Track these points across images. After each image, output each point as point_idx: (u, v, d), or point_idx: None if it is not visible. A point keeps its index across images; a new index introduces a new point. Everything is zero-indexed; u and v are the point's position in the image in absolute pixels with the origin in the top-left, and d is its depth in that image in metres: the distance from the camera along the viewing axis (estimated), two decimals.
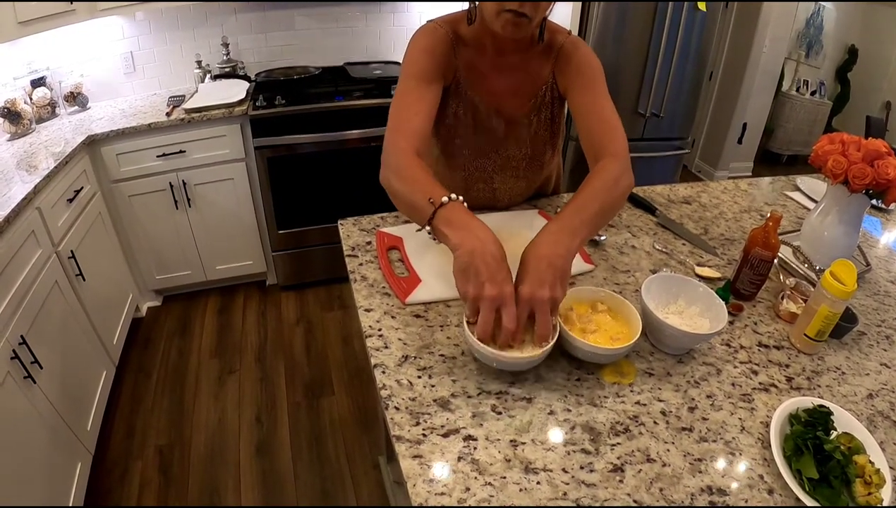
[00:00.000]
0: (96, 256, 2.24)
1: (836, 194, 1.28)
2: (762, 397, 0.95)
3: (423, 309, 1.08)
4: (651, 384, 0.95)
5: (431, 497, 0.73)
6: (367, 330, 1.01)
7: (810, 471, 0.79)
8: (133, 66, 2.78)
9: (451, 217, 0.93)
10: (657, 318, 0.97)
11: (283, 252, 2.86)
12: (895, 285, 1.33)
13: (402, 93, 1.16)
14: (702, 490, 0.77)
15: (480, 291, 0.84)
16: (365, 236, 1.31)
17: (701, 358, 1.02)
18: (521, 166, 1.38)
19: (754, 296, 1.20)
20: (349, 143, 2.65)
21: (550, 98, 1.29)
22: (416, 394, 0.89)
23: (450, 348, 0.99)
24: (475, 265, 0.85)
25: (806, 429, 0.84)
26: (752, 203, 1.65)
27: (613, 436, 0.84)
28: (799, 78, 4.79)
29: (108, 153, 2.33)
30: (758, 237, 1.14)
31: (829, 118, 4.90)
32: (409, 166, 1.04)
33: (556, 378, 0.94)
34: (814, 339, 1.05)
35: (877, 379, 1.02)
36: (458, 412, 0.86)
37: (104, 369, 2.17)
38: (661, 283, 1.07)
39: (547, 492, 0.75)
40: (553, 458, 0.80)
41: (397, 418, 0.84)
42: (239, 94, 2.55)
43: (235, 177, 2.61)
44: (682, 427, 0.87)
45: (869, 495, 0.77)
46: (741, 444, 0.85)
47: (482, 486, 0.75)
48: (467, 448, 0.80)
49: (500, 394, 0.90)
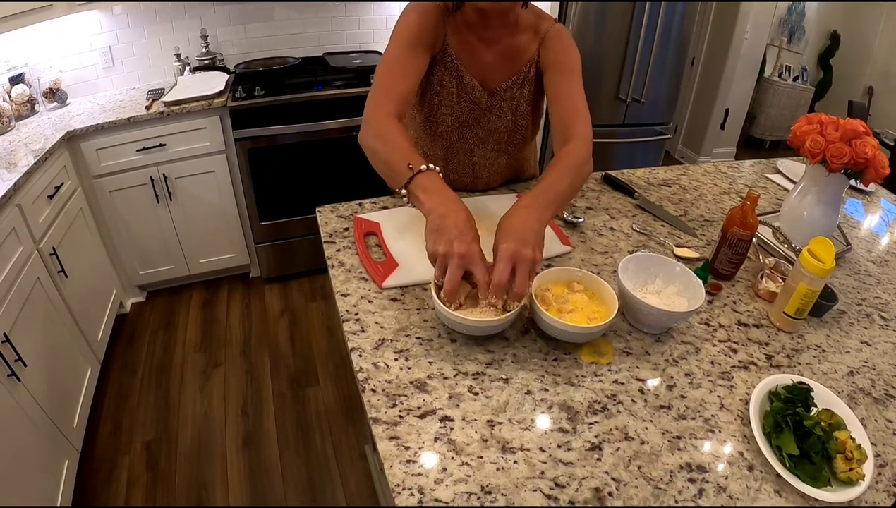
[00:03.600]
0: (78, 253, 2.21)
1: (814, 174, 1.28)
2: (741, 375, 0.95)
3: (399, 292, 1.07)
4: (629, 363, 0.94)
5: (408, 477, 0.72)
6: (344, 315, 1.00)
7: (790, 447, 0.79)
8: (112, 60, 2.73)
9: (426, 184, 0.98)
10: (634, 297, 0.96)
11: (265, 244, 2.84)
12: (875, 265, 1.34)
13: (389, 58, 1.18)
14: (681, 467, 0.77)
15: (449, 248, 0.88)
16: (343, 222, 1.29)
17: (679, 337, 1.02)
18: (502, 140, 1.39)
19: (733, 276, 1.20)
20: (329, 133, 2.62)
21: (535, 74, 1.32)
22: (392, 377, 0.88)
23: (426, 331, 0.98)
24: (445, 226, 0.90)
25: (786, 406, 0.84)
26: (732, 185, 1.65)
27: (591, 415, 0.84)
28: (781, 64, 4.80)
29: (87, 148, 2.30)
30: (735, 216, 1.14)
31: (811, 103, 4.93)
32: (390, 128, 1.08)
33: (533, 358, 0.93)
34: (793, 317, 1.05)
35: (857, 356, 1.03)
36: (434, 393, 0.85)
37: (89, 366, 2.14)
38: (638, 263, 1.07)
39: (524, 471, 0.75)
40: (530, 437, 0.79)
41: (374, 400, 0.83)
42: (218, 86, 2.51)
43: (216, 170, 2.58)
44: (660, 405, 0.87)
45: (850, 471, 0.77)
46: (720, 421, 0.85)
47: (459, 466, 0.74)
48: (444, 429, 0.79)
49: (477, 375, 0.89)
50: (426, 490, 0.71)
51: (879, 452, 0.83)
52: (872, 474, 0.78)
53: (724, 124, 4.33)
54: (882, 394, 0.95)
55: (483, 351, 0.94)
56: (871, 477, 0.77)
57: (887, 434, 0.87)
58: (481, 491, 0.71)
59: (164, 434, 2.09)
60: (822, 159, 1.22)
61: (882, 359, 1.03)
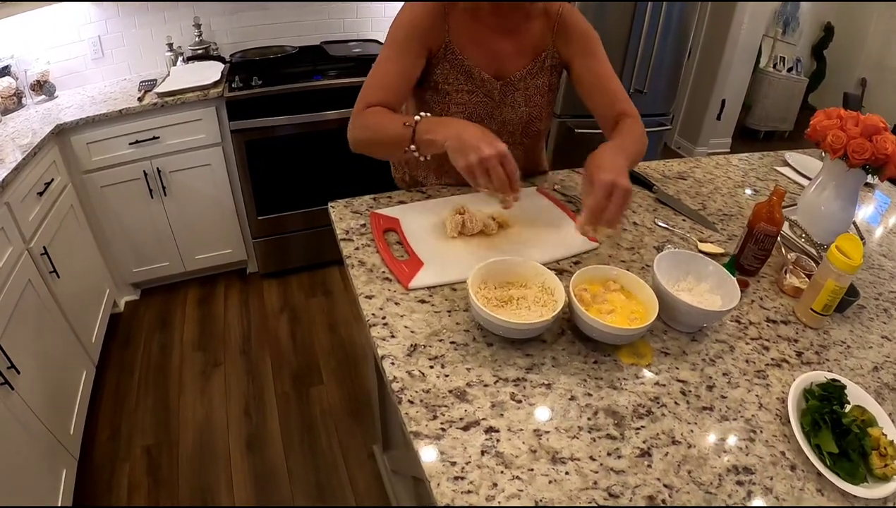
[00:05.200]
0: (70, 251, 2.14)
1: (833, 169, 1.28)
2: (775, 373, 0.94)
3: (427, 293, 1.03)
4: (668, 363, 0.93)
5: (458, 496, 0.69)
6: (370, 319, 0.96)
7: (830, 446, 0.78)
8: (101, 50, 2.65)
9: (428, 126, 1.04)
10: (672, 296, 0.94)
11: (263, 239, 2.78)
12: (888, 258, 1.34)
13: (381, 61, 1.22)
14: (728, 470, 0.76)
15: (480, 153, 0.93)
16: (358, 218, 1.25)
17: (713, 335, 1.00)
18: (517, 131, 1.37)
19: (758, 271, 1.19)
20: (329, 124, 2.57)
21: (550, 65, 1.31)
22: (429, 386, 0.84)
23: (460, 334, 0.94)
24: (465, 140, 0.96)
25: (822, 404, 0.84)
26: (744, 178, 1.64)
27: (637, 419, 0.82)
28: (776, 55, 4.82)
29: (78, 142, 2.22)
30: (762, 212, 1.13)
31: (805, 94, 4.95)
32: (366, 115, 1.14)
33: (573, 361, 0.91)
34: (820, 314, 1.04)
35: (880, 351, 1.03)
36: (476, 402, 0.82)
37: (84, 369, 2.08)
38: (669, 260, 1.05)
39: (577, 483, 0.72)
40: (579, 446, 0.77)
41: (412, 412, 0.80)
42: (213, 76, 2.45)
43: (212, 163, 2.51)
44: (702, 406, 0.85)
45: (885, 467, 0.77)
46: (760, 421, 0.84)
47: (510, 480, 0.72)
48: (490, 441, 0.76)
49: (518, 381, 0.86)
50: None
51: None
52: None
53: (720, 115, 4.34)
54: None
55: (521, 355, 0.91)
56: None
57: None
58: (536, 506, 0.69)
59: (164, 438, 2.04)
60: (843, 154, 1.21)
61: None
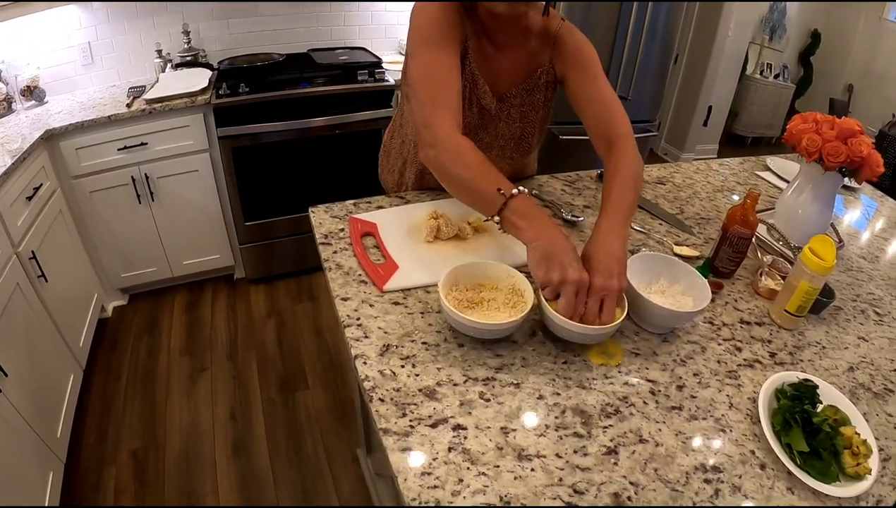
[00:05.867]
0: (58, 256, 2.14)
1: (810, 172, 1.29)
2: (747, 373, 0.95)
3: (401, 295, 1.05)
4: (638, 364, 0.94)
5: (424, 491, 0.70)
6: (345, 320, 0.97)
7: (800, 445, 0.79)
8: (91, 56, 2.65)
9: (522, 209, 0.96)
10: (643, 297, 0.95)
11: (250, 244, 2.78)
12: (866, 261, 1.35)
13: (427, 61, 1.11)
14: (696, 468, 0.77)
15: (565, 275, 0.89)
16: (338, 223, 1.26)
17: (685, 337, 1.01)
18: (508, 146, 1.36)
19: (733, 274, 1.20)
20: (315, 131, 2.57)
21: (545, 81, 1.29)
22: (400, 384, 0.85)
23: (432, 335, 0.96)
24: (557, 254, 0.91)
25: (793, 403, 0.85)
26: (724, 182, 1.66)
27: (605, 418, 0.83)
28: (763, 61, 4.85)
29: (67, 148, 2.22)
30: (736, 215, 1.14)
31: (792, 101, 4.99)
32: (465, 150, 1.04)
33: (543, 361, 0.92)
34: (794, 315, 1.05)
35: (856, 352, 1.04)
36: (445, 401, 0.83)
37: (71, 373, 2.07)
38: (642, 263, 1.07)
39: (542, 479, 0.73)
40: (546, 444, 0.78)
41: (382, 410, 0.81)
42: (201, 83, 2.45)
43: (200, 169, 2.51)
44: (671, 406, 0.86)
45: (858, 465, 0.78)
46: (731, 421, 0.85)
47: (476, 476, 0.72)
48: (457, 438, 0.77)
49: (487, 381, 0.87)
50: (443, 503, 0.69)
51: (883, 446, 0.84)
52: (878, 468, 0.79)
53: (706, 121, 4.36)
54: (881, 389, 0.96)
55: (492, 355, 0.92)
56: (877, 471, 0.78)
57: (889, 429, 0.88)
58: (500, 502, 0.70)
59: (150, 442, 2.03)
60: (819, 158, 1.23)
61: (879, 354, 1.04)
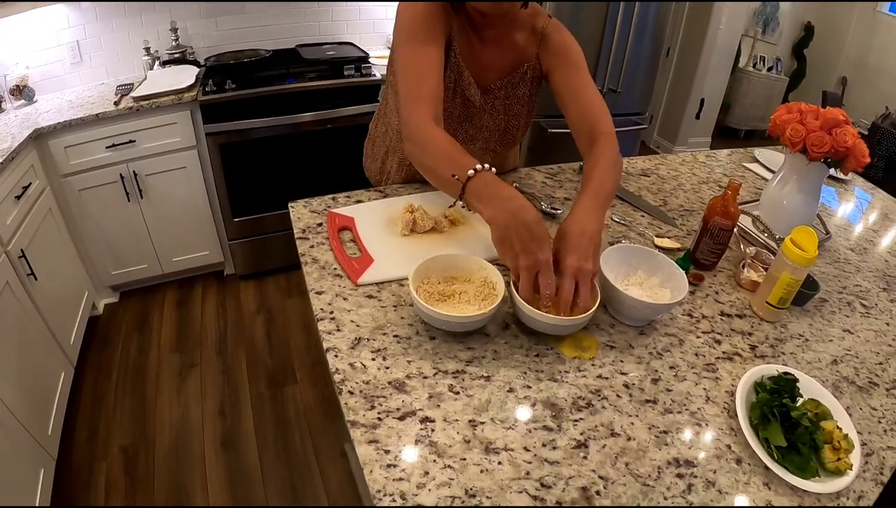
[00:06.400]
0: (48, 254, 2.13)
1: (794, 163, 1.28)
2: (726, 366, 0.94)
3: (375, 289, 1.04)
4: (613, 357, 0.93)
5: (389, 483, 0.69)
6: (318, 314, 0.97)
7: (778, 439, 0.78)
8: (80, 55, 2.64)
9: (479, 190, 0.95)
10: (617, 289, 0.94)
11: (239, 240, 2.78)
12: (854, 253, 1.34)
13: (410, 57, 1.13)
14: (668, 462, 0.76)
15: (517, 261, 0.90)
16: (316, 218, 1.25)
17: (663, 329, 1.00)
18: (492, 138, 1.36)
19: (714, 266, 1.19)
20: (303, 126, 2.56)
21: (531, 76, 1.29)
22: (370, 377, 0.85)
23: (404, 328, 0.95)
24: (509, 237, 0.90)
25: (772, 397, 0.83)
26: (710, 174, 1.65)
27: (576, 412, 0.82)
28: (755, 54, 4.83)
29: (56, 146, 2.21)
30: (717, 206, 1.13)
31: (785, 93, 4.97)
32: (434, 140, 1.04)
33: (515, 354, 0.91)
34: (776, 307, 1.04)
35: (840, 345, 1.03)
36: (413, 393, 0.82)
37: (62, 370, 2.07)
38: (619, 254, 1.05)
39: (509, 472, 0.72)
40: (514, 437, 0.77)
41: (351, 402, 0.80)
42: (188, 80, 2.44)
43: (188, 166, 2.51)
44: (645, 399, 0.85)
45: (838, 461, 0.76)
46: (707, 414, 0.84)
47: (441, 469, 0.72)
48: (425, 431, 0.76)
49: (458, 374, 0.86)
50: (408, 496, 0.68)
51: (865, 441, 0.83)
52: (860, 463, 0.77)
53: (699, 114, 4.35)
54: (866, 382, 0.95)
55: (463, 348, 0.91)
56: (859, 466, 0.77)
57: (872, 423, 0.87)
58: (465, 495, 0.69)
59: (141, 438, 2.03)
60: (803, 148, 1.22)
61: (864, 347, 1.03)
